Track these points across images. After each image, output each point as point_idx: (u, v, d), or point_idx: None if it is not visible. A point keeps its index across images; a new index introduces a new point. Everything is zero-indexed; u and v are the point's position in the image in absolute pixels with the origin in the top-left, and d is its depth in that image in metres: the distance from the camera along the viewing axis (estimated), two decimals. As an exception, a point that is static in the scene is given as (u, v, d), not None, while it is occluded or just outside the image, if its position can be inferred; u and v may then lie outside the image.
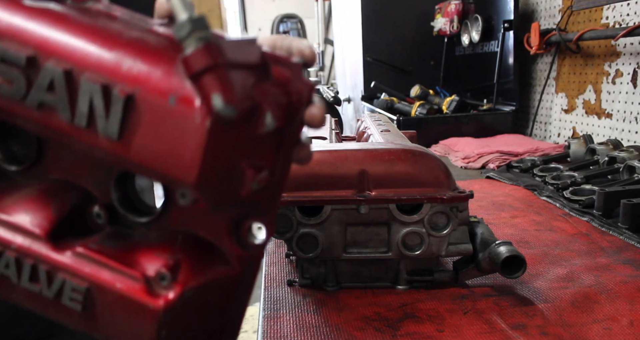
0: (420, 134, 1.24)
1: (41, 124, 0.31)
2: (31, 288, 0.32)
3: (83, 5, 0.32)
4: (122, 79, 0.29)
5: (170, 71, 0.29)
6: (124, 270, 0.32)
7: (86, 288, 0.32)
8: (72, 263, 0.32)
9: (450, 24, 2.24)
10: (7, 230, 0.33)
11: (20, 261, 0.32)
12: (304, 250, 0.72)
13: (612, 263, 0.82)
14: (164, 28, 0.32)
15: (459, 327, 0.65)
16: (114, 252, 0.33)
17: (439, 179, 0.71)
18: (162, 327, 0.31)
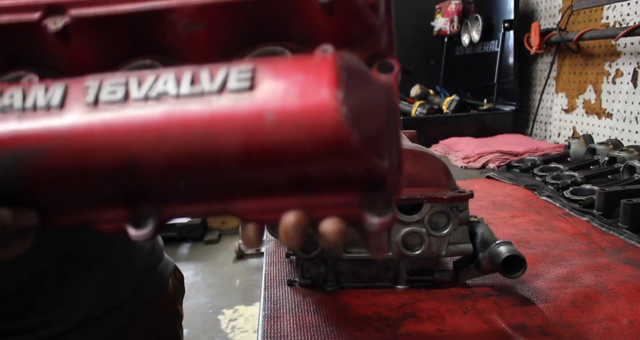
0: (421, 133, 1.24)
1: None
2: (193, 91, 0.31)
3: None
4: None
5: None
6: (290, 45, 0.33)
7: (252, 67, 0.31)
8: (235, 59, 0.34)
9: (451, 24, 2.24)
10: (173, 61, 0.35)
11: (180, 73, 0.32)
12: (304, 250, 0.72)
13: (612, 263, 0.82)
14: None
15: (459, 327, 0.65)
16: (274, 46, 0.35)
17: (439, 179, 0.71)
18: (340, 69, 0.30)
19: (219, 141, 0.30)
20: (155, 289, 0.75)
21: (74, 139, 0.30)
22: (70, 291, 0.63)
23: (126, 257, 0.69)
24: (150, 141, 0.30)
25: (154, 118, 0.30)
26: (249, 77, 0.30)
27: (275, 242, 0.95)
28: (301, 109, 0.29)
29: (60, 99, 0.31)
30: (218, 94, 0.30)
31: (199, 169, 0.30)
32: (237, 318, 2.80)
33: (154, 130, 0.30)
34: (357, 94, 0.31)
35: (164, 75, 0.31)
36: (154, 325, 0.76)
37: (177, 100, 0.30)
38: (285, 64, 0.31)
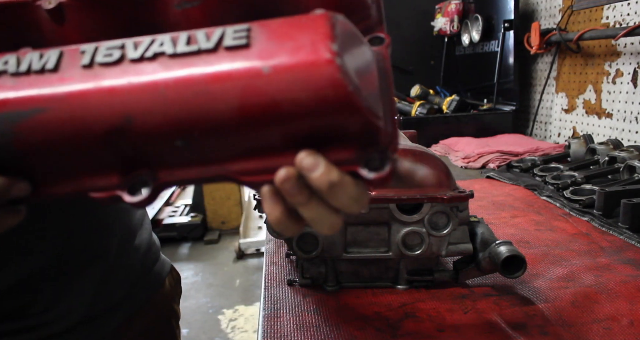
0: (421, 133, 1.24)
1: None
2: (189, 49, 0.31)
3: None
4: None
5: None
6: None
7: (247, 27, 0.31)
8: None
9: (451, 24, 2.24)
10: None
11: (175, 35, 0.32)
12: (304, 250, 0.72)
13: (612, 263, 0.82)
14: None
15: (459, 327, 0.65)
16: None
17: (439, 179, 0.71)
18: (333, 23, 0.30)
19: (216, 98, 0.29)
20: (152, 289, 0.75)
21: (68, 100, 0.30)
22: (68, 290, 0.62)
23: (123, 256, 0.68)
24: (146, 100, 0.29)
25: (150, 77, 0.30)
26: (245, 35, 0.30)
27: (275, 242, 0.95)
28: (297, 63, 0.29)
29: (55, 63, 0.31)
30: (214, 51, 0.30)
31: (196, 128, 0.30)
32: (237, 318, 2.80)
33: (149, 89, 0.29)
34: (351, 51, 0.31)
35: (160, 37, 0.31)
36: (151, 324, 0.76)
37: (173, 59, 0.30)
38: (280, 23, 0.31)
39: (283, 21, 0.31)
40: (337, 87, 0.29)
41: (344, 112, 0.30)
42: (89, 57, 0.31)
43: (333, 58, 0.29)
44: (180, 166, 0.32)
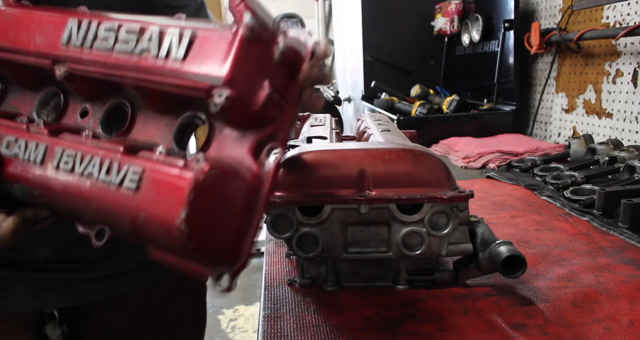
0: (421, 133, 1.24)
1: (139, 68, 0.46)
2: (104, 180, 0.45)
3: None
4: (193, 28, 0.45)
5: (218, 23, 0.45)
6: (170, 161, 0.43)
7: (141, 169, 0.43)
8: (134, 159, 0.45)
9: (451, 24, 2.23)
10: (98, 147, 0.48)
11: (102, 161, 0.46)
12: (304, 250, 0.72)
13: (612, 263, 0.82)
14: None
15: (459, 327, 0.65)
16: (165, 157, 0.45)
17: (439, 179, 0.71)
18: (192, 191, 0.40)
19: (115, 216, 0.45)
20: None
21: (47, 186, 0.50)
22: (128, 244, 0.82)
23: None
24: (78, 201, 0.48)
25: (83, 188, 0.47)
26: (137, 179, 0.43)
27: (275, 242, 0.95)
28: (160, 217, 0.42)
29: (41, 158, 0.50)
30: (118, 186, 0.44)
31: (99, 218, 0.48)
32: (237, 318, 2.80)
33: (81, 195, 0.47)
34: (206, 207, 0.42)
35: (96, 158, 0.47)
36: (181, 284, 0.96)
37: (96, 182, 0.46)
38: (162, 175, 0.42)
39: (164, 173, 0.43)
40: (181, 243, 0.41)
41: (187, 254, 0.44)
42: (57, 161, 0.49)
43: (180, 224, 0.40)
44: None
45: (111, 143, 0.48)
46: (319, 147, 0.75)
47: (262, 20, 0.43)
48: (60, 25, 0.52)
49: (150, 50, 0.46)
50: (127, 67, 0.47)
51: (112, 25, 0.49)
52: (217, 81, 0.42)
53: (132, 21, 0.48)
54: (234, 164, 0.44)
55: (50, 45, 0.53)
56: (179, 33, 0.45)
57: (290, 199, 0.69)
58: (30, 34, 0.54)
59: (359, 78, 2.64)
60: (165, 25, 0.46)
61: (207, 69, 0.42)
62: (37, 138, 0.51)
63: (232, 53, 0.42)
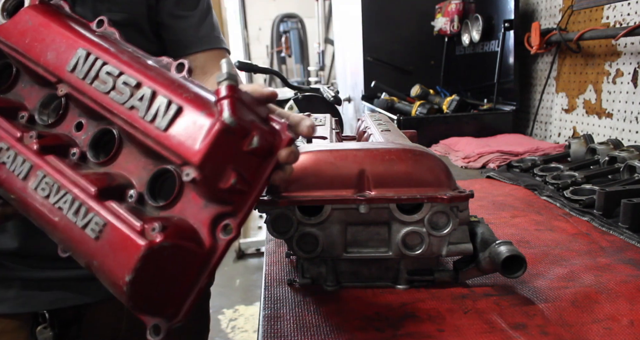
0: (421, 133, 1.24)
1: (126, 119, 0.52)
2: (71, 218, 0.50)
3: (190, 79, 0.54)
4: (181, 99, 0.50)
5: (209, 105, 0.49)
6: (131, 219, 0.48)
7: (104, 223, 0.48)
8: (101, 208, 0.49)
9: (451, 24, 2.23)
10: (74, 183, 0.52)
11: (73, 200, 0.51)
12: (304, 250, 0.72)
13: (612, 263, 0.82)
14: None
15: (459, 327, 0.65)
16: (130, 211, 0.49)
17: (439, 179, 0.71)
18: (141, 259, 0.45)
19: (75, 250, 0.51)
20: None
21: (23, 200, 0.55)
22: None
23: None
24: (47, 224, 0.53)
25: (53, 216, 0.52)
26: (98, 230, 0.48)
27: (275, 242, 0.95)
28: (109, 271, 0.47)
29: (24, 175, 0.55)
30: (82, 228, 0.49)
31: (62, 243, 0.53)
32: (237, 318, 2.80)
33: (50, 221, 0.52)
34: (152, 274, 0.46)
35: (69, 196, 0.51)
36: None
37: (64, 215, 0.51)
38: (119, 235, 0.47)
39: (124, 232, 0.47)
40: (124, 300, 0.47)
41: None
42: (36, 183, 0.54)
43: (124, 288, 0.46)
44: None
45: (88, 179, 0.52)
46: (319, 147, 0.75)
47: (240, 117, 0.47)
48: (71, 49, 0.57)
49: (139, 109, 0.51)
50: (116, 114, 0.53)
51: (113, 70, 0.54)
52: (188, 161, 0.47)
53: (134, 70, 0.53)
54: (189, 233, 0.49)
55: (57, 66, 0.57)
56: (167, 102, 0.50)
57: (291, 199, 0.69)
58: (43, 47, 0.59)
59: (359, 78, 2.64)
60: (159, 87, 0.51)
61: (182, 147, 0.48)
62: (26, 153, 0.55)
63: (206, 142, 0.47)
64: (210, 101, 0.49)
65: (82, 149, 0.58)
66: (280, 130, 0.52)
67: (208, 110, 0.48)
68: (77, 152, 0.57)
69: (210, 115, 0.47)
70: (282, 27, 6.77)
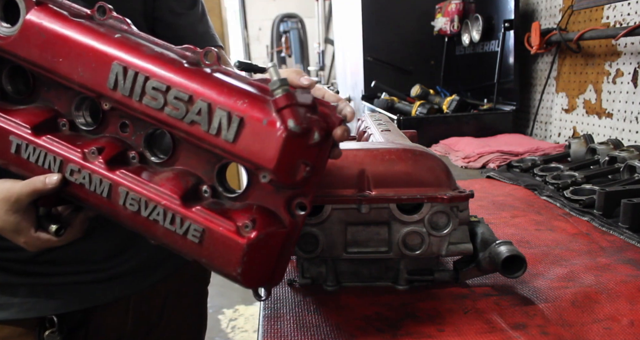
0: (421, 133, 1.24)
1: (190, 133, 0.54)
2: (169, 228, 0.55)
3: (223, 68, 0.56)
4: (239, 110, 0.52)
5: (264, 107, 0.52)
6: (224, 221, 0.54)
7: (202, 229, 0.54)
8: (194, 215, 0.55)
9: (451, 24, 2.23)
10: (158, 194, 0.56)
11: (165, 212, 0.55)
12: (304, 250, 0.72)
13: (612, 263, 0.82)
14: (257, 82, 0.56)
15: (459, 327, 0.65)
16: (217, 211, 0.55)
17: (439, 179, 0.71)
18: (244, 255, 0.53)
19: (180, 250, 0.57)
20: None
21: (115, 214, 0.59)
22: (131, 245, 0.86)
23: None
24: (147, 232, 0.58)
25: (151, 226, 0.57)
26: (199, 236, 0.54)
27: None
28: (220, 266, 0.55)
29: (107, 193, 0.58)
30: (183, 235, 0.55)
31: (164, 243, 0.58)
32: (238, 318, 2.80)
33: (149, 229, 0.57)
34: (256, 260, 0.54)
35: (159, 208, 0.56)
36: (185, 284, 0.97)
37: (162, 225, 0.56)
38: (221, 239, 0.53)
39: (224, 238, 0.53)
40: (239, 282, 0.56)
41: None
42: (122, 200, 0.57)
43: (237, 276, 0.54)
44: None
45: (167, 188, 0.56)
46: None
47: (301, 121, 0.52)
48: (103, 65, 0.56)
49: (200, 124, 0.53)
50: (178, 128, 0.55)
51: (159, 85, 0.54)
52: (263, 166, 0.52)
53: (180, 82, 0.54)
54: (273, 219, 0.55)
55: (96, 83, 0.57)
56: (227, 115, 0.52)
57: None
58: (71, 63, 0.57)
59: (359, 78, 2.64)
60: (212, 98, 0.53)
61: (255, 156, 0.52)
62: (99, 173, 0.58)
63: (278, 150, 0.51)
64: (264, 103, 0.52)
65: (138, 150, 0.60)
66: (330, 113, 0.56)
67: (269, 117, 0.51)
68: (136, 155, 0.59)
69: (273, 122, 0.51)
70: (282, 27, 6.76)
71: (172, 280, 0.93)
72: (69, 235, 0.65)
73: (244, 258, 0.53)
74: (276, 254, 0.56)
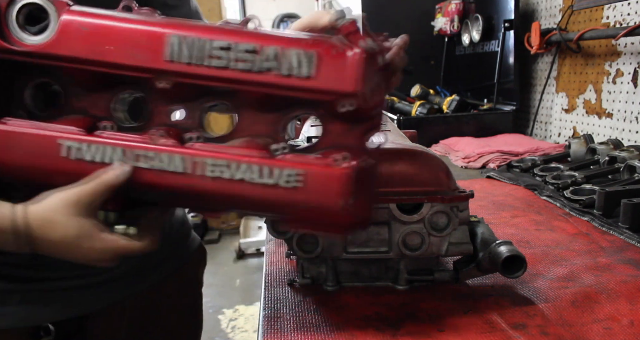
0: (421, 133, 1.24)
1: (262, 82, 0.54)
2: (259, 181, 0.54)
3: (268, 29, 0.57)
4: (309, 46, 0.53)
5: (329, 40, 0.54)
6: (318, 159, 0.55)
7: (297, 172, 0.54)
8: (284, 162, 0.55)
9: (451, 24, 2.23)
10: (239, 154, 0.55)
11: (251, 167, 0.54)
12: (304, 250, 0.72)
13: (612, 263, 0.82)
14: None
15: (459, 327, 0.65)
16: (308, 156, 0.56)
17: (439, 179, 0.71)
18: (347, 184, 0.53)
19: (271, 208, 0.57)
20: (183, 259, 0.94)
21: (196, 190, 0.56)
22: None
23: (166, 228, 0.86)
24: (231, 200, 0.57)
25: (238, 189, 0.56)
26: (297, 180, 0.54)
27: (275, 242, 0.95)
28: (323, 206, 0.54)
29: (191, 168, 0.56)
30: (274, 186, 0.54)
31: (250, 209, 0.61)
32: (238, 318, 2.80)
33: (234, 195, 0.56)
34: (357, 191, 0.54)
35: (253, 167, 0.54)
36: (180, 286, 0.94)
37: (251, 184, 0.55)
38: (322, 175, 0.54)
39: (320, 169, 0.54)
40: (337, 224, 0.57)
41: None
42: (210, 170, 0.56)
43: (346, 209, 0.54)
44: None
45: (246, 148, 0.56)
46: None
47: (372, 41, 0.53)
48: (158, 40, 0.55)
49: (273, 69, 0.53)
50: (248, 81, 0.54)
51: (222, 43, 0.54)
52: (345, 91, 0.52)
53: (241, 37, 0.54)
54: (357, 154, 0.55)
55: (152, 60, 0.55)
56: (299, 53, 0.53)
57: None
58: (122, 48, 0.56)
59: (359, 78, 2.64)
60: (278, 44, 0.53)
61: (335, 84, 0.53)
62: (170, 151, 0.56)
63: (357, 70, 0.52)
64: (326, 37, 0.54)
65: (196, 130, 0.58)
66: (383, 41, 0.58)
67: (340, 44, 0.53)
68: (195, 136, 0.58)
69: (347, 47, 0.53)
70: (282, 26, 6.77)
71: (168, 283, 0.91)
72: (147, 236, 0.58)
73: (346, 187, 0.53)
74: (367, 188, 0.57)
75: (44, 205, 0.55)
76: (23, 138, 0.57)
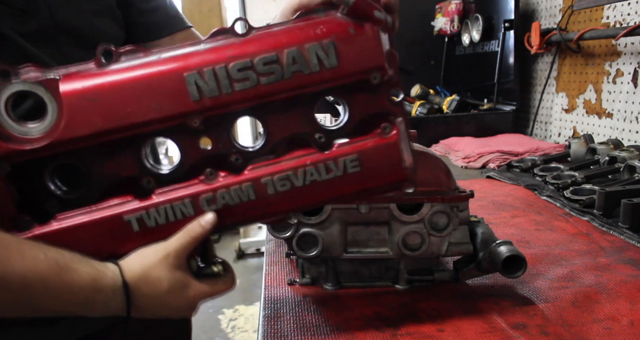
0: (421, 133, 1.23)
1: (293, 86, 0.54)
2: (329, 177, 0.57)
3: (262, 27, 0.56)
4: (324, 36, 0.54)
5: (337, 21, 0.55)
6: (365, 137, 0.58)
7: (356, 155, 0.57)
8: (339, 151, 0.57)
9: (451, 24, 2.23)
10: (296, 161, 0.57)
11: (317, 167, 0.57)
12: (304, 250, 0.72)
13: (612, 263, 0.82)
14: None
15: (459, 327, 0.65)
16: (354, 139, 0.58)
17: (439, 179, 0.71)
18: (400, 148, 0.58)
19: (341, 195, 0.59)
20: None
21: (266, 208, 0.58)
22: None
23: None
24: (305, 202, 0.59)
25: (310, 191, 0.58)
26: (356, 162, 0.57)
27: (275, 242, 0.95)
28: (386, 176, 0.59)
29: (254, 193, 0.57)
30: (341, 177, 0.57)
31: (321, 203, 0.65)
32: (238, 318, 2.80)
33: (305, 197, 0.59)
34: (406, 153, 0.59)
35: (310, 169, 0.57)
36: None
37: (320, 182, 0.58)
38: (371, 148, 0.58)
39: (373, 147, 0.58)
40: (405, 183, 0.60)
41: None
42: (276, 187, 0.57)
43: (407, 173, 0.59)
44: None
45: (297, 151, 0.58)
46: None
47: (379, 9, 0.55)
48: (177, 83, 0.53)
49: (302, 69, 0.54)
50: (280, 90, 0.55)
51: (241, 64, 0.53)
52: (373, 66, 0.55)
53: (257, 49, 0.53)
54: (392, 119, 0.59)
55: (179, 105, 0.53)
56: (319, 46, 0.54)
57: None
58: (142, 104, 0.52)
59: (359, 78, 2.64)
60: (295, 43, 0.53)
61: (362, 62, 0.55)
62: (233, 183, 0.56)
63: (379, 44, 0.55)
64: (332, 19, 0.55)
65: (236, 151, 0.58)
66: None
67: (350, 24, 0.54)
68: (235, 158, 0.57)
69: (360, 24, 0.54)
70: (282, 27, 6.76)
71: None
72: (229, 272, 0.60)
73: (400, 152, 0.58)
74: (408, 141, 0.60)
75: (138, 262, 0.55)
76: (86, 229, 0.55)
